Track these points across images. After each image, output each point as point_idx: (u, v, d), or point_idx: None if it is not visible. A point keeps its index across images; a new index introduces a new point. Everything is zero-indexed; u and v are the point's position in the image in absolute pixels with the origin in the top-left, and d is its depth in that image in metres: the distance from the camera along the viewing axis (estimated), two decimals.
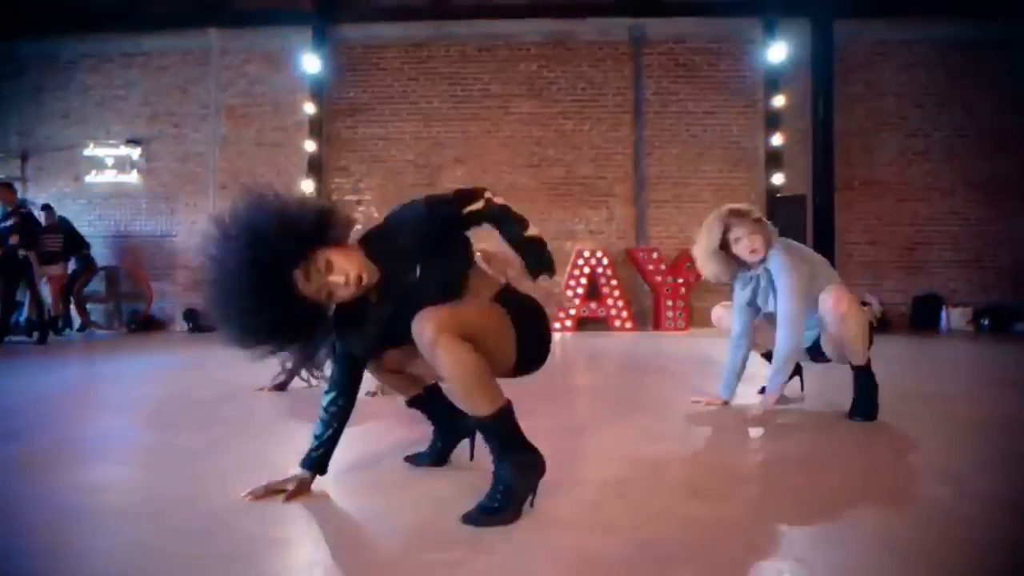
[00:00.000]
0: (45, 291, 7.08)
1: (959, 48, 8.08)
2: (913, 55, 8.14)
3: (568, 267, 7.63)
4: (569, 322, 7.52)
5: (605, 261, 7.56)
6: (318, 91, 8.17)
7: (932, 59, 8.11)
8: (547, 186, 8.19)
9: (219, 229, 1.33)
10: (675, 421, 2.39)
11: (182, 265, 8.45)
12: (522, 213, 1.49)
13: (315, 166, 8.18)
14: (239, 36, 8.41)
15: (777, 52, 7.77)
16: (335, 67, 8.28)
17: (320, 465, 1.55)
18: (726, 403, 2.63)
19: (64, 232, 7.58)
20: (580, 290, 7.52)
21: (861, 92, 8.06)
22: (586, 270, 7.54)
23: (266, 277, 1.30)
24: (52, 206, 7.61)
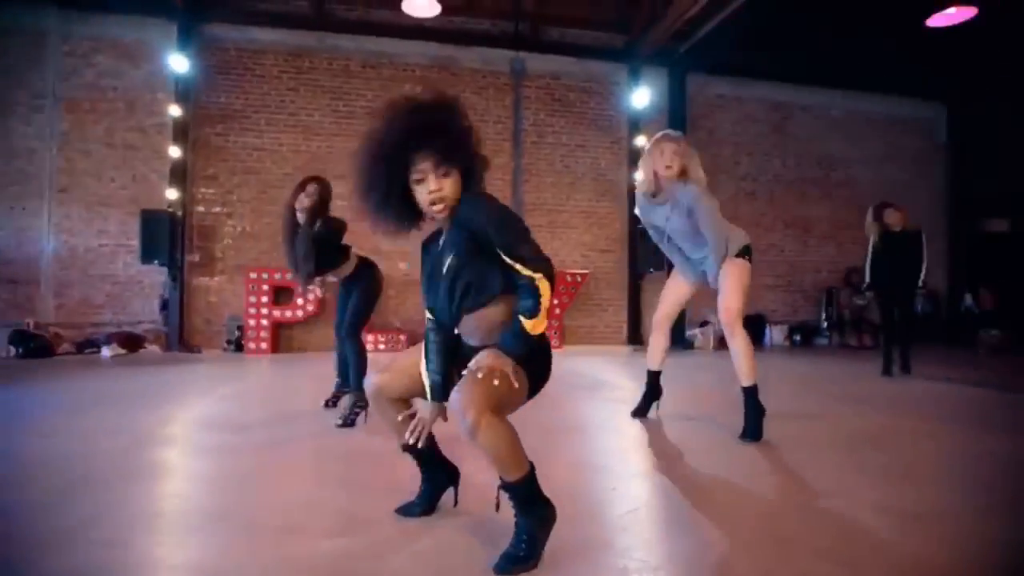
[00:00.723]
0: None
1: (778, 108, 9.68)
2: (745, 110, 9.57)
3: None
4: None
5: None
6: (184, 93, 7.55)
7: (759, 115, 9.60)
8: None
9: (387, 115, 1.62)
10: (553, 440, 2.76)
11: (7, 279, 7.33)
12: (542, 317, 1.58)
13: (179, 174, 7.55)
14: (86, 20, 7.50)
15: (640, 97, 8.69)
16: (204, 68, 7.71)
17: (446, 392, 1.67)
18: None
19: None
20: None
21: (705, 138, 9.28)
22: None
23: (390, 167, 1.60)
24: None
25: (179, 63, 7.40)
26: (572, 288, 8.32)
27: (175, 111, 7.45)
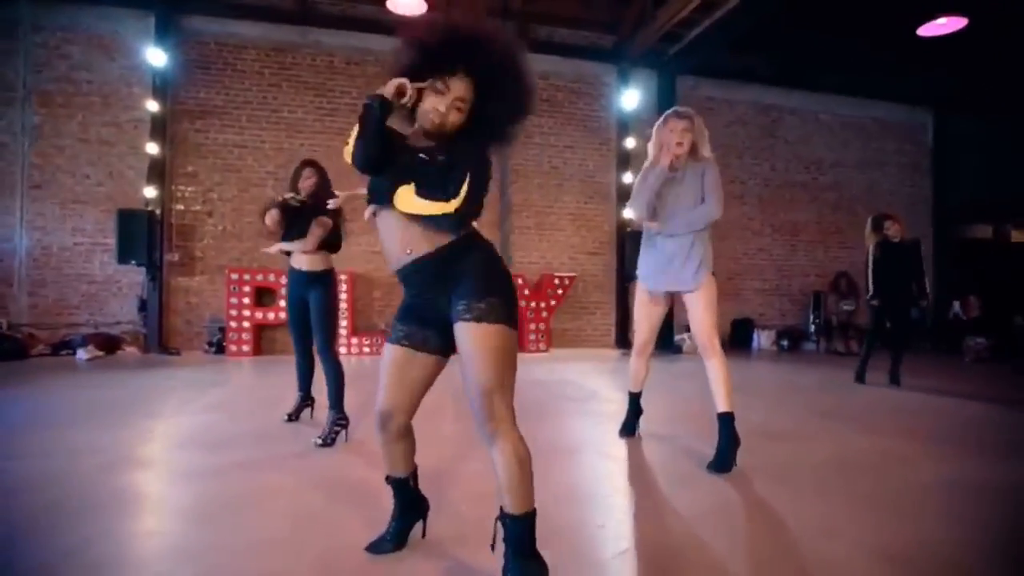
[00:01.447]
0: None
1: (768, 111, 9.65)
2: (734, 113, 9.53)
3: None
4: None
5: None
6: (162, 88, 7.34)
7: (748, 118, 9.57)
8: None
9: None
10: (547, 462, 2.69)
11: None
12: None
13: (157, 170, 7.34)
14: (58, 10, 7.25)
15: (630, 98, 8.61)
16: (183, 62, 7.50)
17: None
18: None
19: None
20: None
21: None
22: None
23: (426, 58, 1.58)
24: None
25: (156, 57, 7.18)
26: (560, 291, 8.25)
27: (152, 106, 7.24)
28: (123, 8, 7.32)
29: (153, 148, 7.27)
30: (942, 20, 7.13)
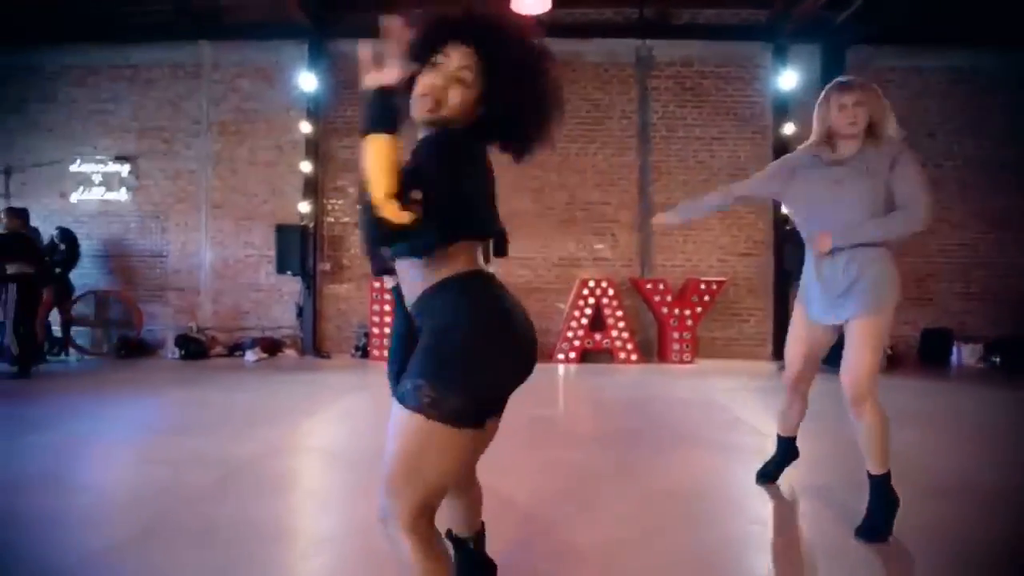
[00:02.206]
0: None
1: (971, 78, 7.96)
2: (924, 83, 8.00)
3: (572, 297, 7.47)
4: (573, 354, 7.33)
5: (611, 292, 7.36)
6: (314, 109, 7.90)
7: (943, 88, 7.98)
8: (550, 212, 7.99)
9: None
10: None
11: (174, 287, 8.18)
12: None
13: (311, 186, 7.92)
14: (232, 49, 8.12)
15: (788, 79, 7.60)
16: (332, 84, 8.00)
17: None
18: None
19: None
20: (585, 320, 7.33)
21: None
22: (591, 300, 7.35)
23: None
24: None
25: (308, 81, 7.73)
26: (707, 297, 7.49)
27: (306, 127, 7.81)
28: (282, 40, 7.98)
29: (307, 166, 7.84)
30: None
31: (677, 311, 7.41)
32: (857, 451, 2.25)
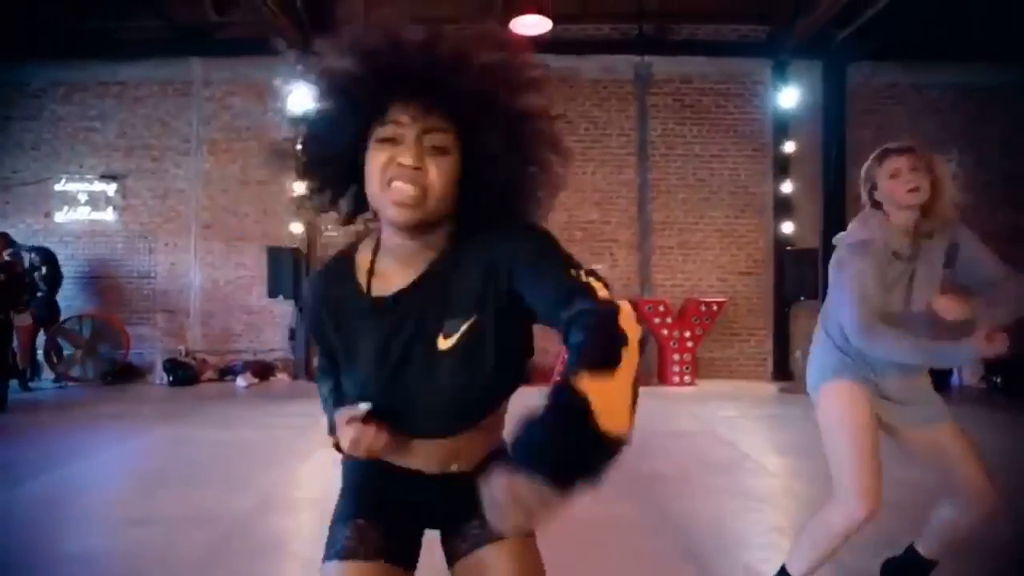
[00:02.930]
0: None
1: (973, 94, 7.89)
2: (924, 100, 7.93)
3: None
4: None
5: None
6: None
7: (945, 104, 7.91)
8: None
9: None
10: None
11: (162, 308, 7.99)
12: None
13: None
14: (223, 66, 7.95)
15: (788, 96, 7.50)
16: None
17: None
18: None
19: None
20: None
21: (871, 137, 7.80)
22: None
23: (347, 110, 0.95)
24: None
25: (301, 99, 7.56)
26: (707, 318, 7.37)
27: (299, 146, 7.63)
28: (276, 56, 7.80)
29: (300, 187, 7.65)
30: None
31: (677, 333, 7.28)
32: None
